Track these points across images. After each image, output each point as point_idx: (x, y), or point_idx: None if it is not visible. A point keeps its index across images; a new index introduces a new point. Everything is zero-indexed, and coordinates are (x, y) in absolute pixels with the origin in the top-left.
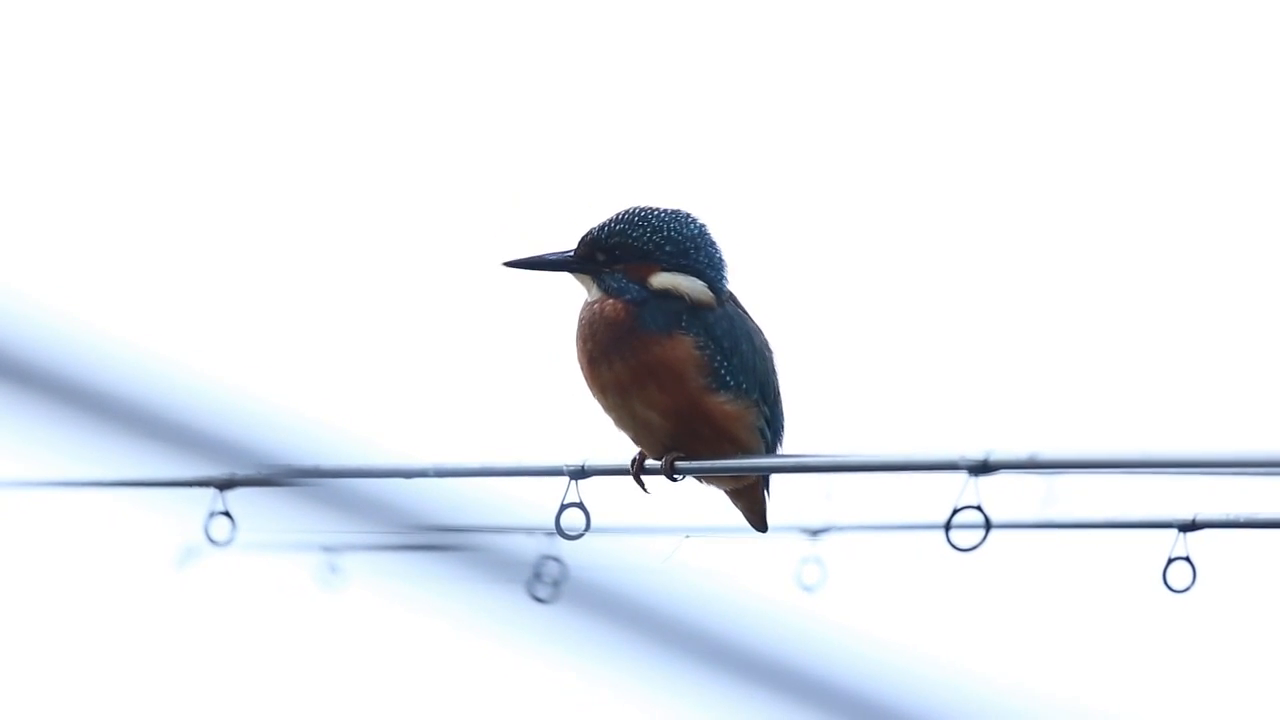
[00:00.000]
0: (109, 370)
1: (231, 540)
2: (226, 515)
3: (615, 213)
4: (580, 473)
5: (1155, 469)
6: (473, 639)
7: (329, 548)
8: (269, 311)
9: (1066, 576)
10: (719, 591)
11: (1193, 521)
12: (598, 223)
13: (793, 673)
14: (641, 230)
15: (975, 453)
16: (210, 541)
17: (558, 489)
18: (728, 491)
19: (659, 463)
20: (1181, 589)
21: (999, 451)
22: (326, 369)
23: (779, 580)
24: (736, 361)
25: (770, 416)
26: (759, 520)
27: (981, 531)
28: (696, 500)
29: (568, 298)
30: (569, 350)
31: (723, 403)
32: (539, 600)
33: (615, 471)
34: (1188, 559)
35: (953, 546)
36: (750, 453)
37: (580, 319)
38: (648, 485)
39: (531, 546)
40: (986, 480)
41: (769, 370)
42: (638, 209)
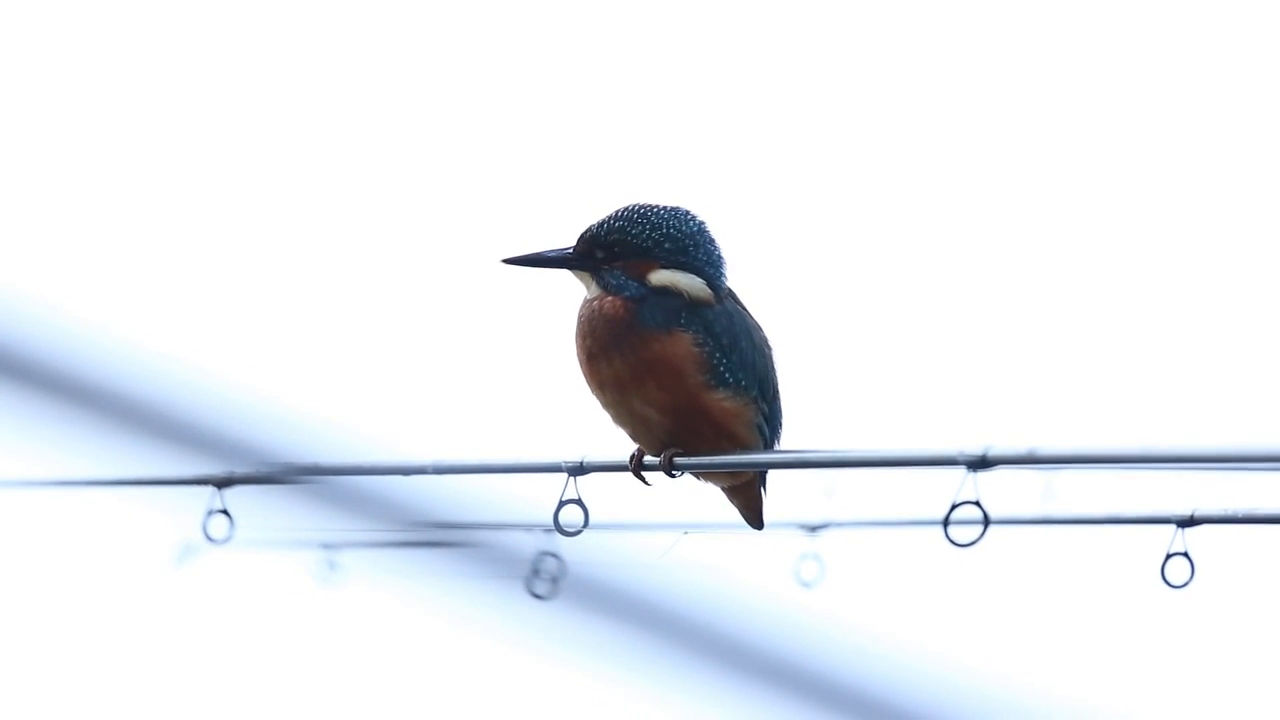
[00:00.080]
0: (107, 368)
1: (230, 538)
2: (225, 513)
3: (614, 210)
4: (579, 469)
5: (1154, 464)
6: (471, 635)
7: (328, 545)
8: (267, 309)
9: (1065, 572)
10: (717, 587)
11: (1191, 517)
12: (597, 220)
13: (791, 669)
14: (640, 227)
15: (974, 448)
16: (208, 539)
17: (556, 485)
18: (724, 489)
19: (657, 459)
20: (1180, 584)
21: (997, 447)
22: (325, 366)
23: (777, 576)
24: (735, 358)
25: (769, 414)
26: (755, 518)
27: (980, 527)
28: (695, 496)
29: (567, 295)
30: (568, 347)
31: (721, 400)
32: (537, 597)
33: (614, 468)
34: (1186, 554)
35: (951, 542)
36: (748, 450)
37: (579, 316)
38: (648, 479)
39: (530, 543)
40: (985, 476)
41: (768, 367)
42: (637, 206)
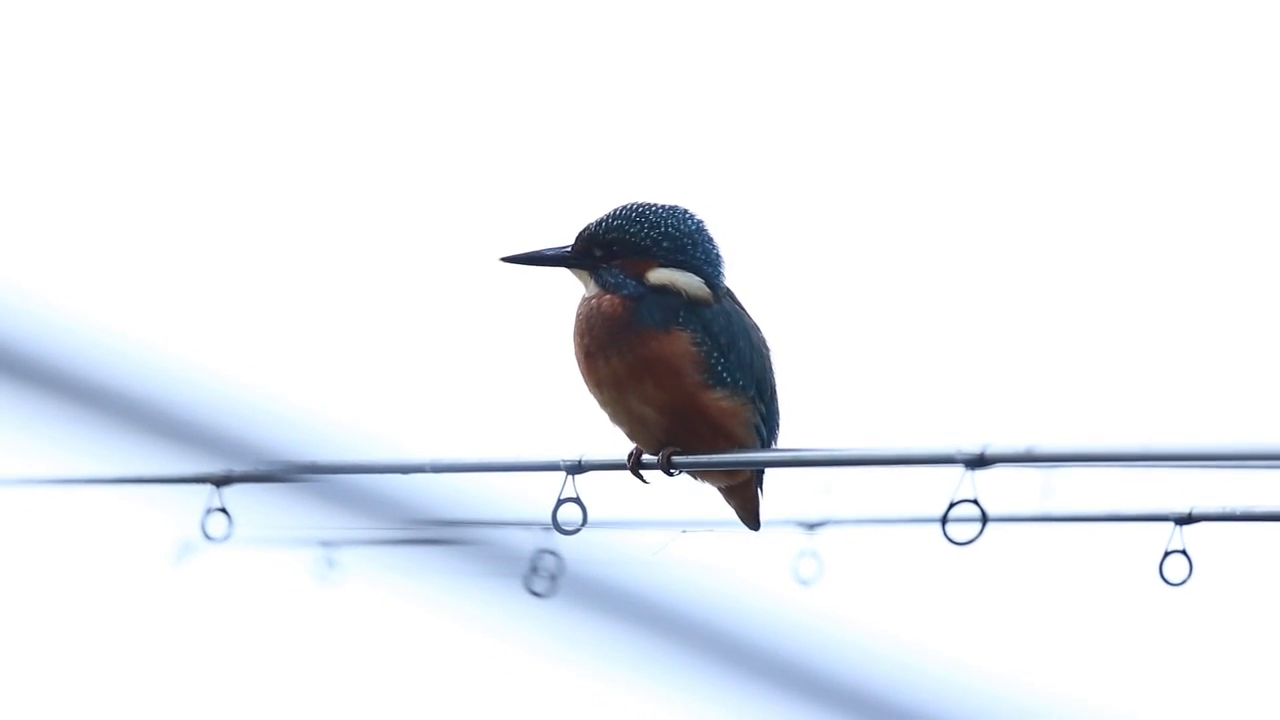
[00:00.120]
0: (106, 366)
1: (228, 536)
2: (223, 511)
3: (613, 208)
4: (577, 468)
5: (1152, 462)
6: (469, 633)
7: (326, 543)
8: (265, 307)
9: (1063, 570)
10: (715, 586)
11: (1189, 515)
12: (595, 218)
13: (789, 667)
14: (639, 226)
15: (972, 446)
16: (207, 538)
17: (554, 484)
18: (721, 489)
19: (655, 458)
20: (1178, 582)
21: (995, 445)
22: (323, 364)
23: (775, 574)
24: (733, 358)
25: (766, 413)
26: (752, 519)
27: (978, 525)
28: (693, 495)
29: (565, 293)
30: (566, 346)
31: (719, 399)
32: (535, 594)
33: (612, 466)
34: (1184, 552)
35: (949, 540)
36: (746, 449)
37: (577, 314)
38: (646, 477)
39: (528, 541)
40: (983, 474)
41: (766, 367)
42: (635, 204)
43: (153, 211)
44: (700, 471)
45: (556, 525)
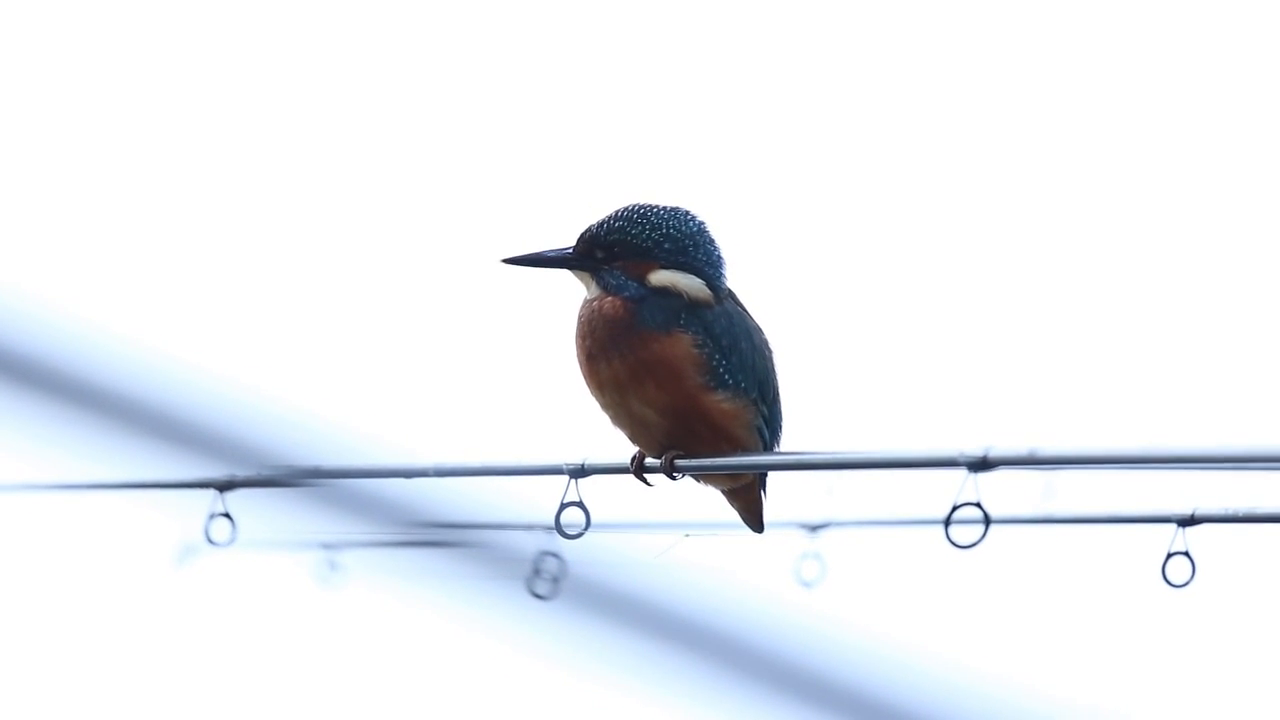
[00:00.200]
0: (109, 370)
1: (232, 541)
2: (227, 516)
3: (614, 210)
4: (580, 471)
5: (1154, 464)
6: (472, 636)
7: (329, 547)
8: (269, 311)
9: (1066, 572)
10: (718, 588)
11: (1191, 516)
12: (596, 220)
13: (792, 669)
14: (640, 228)
15: (974, 449)
16: (210, 542)
17: (558, 487)
18: (724, 491)
19: (658, 461)
20: (1180, 584)
21: (998, 448)
22: (326, 368)
23: (778, 576)
24: (735, 360)
25: (769, 415)
26: (755, 521)
27: (981, 528)
28: (696, 497)
29: (567, 295)
30: (568, 348)
31: (720, 401)
32: (538, 597)
33: (615, 470)
34: (1187, 554)
35: (952, 543)
36: (748, 451)
37: (579, 316)
38: (649, 479)
39: (531, 543)
40: (986, 477)
41: (768, 369)
42: (637, 206)
43: (155, 215)
44: (703, 474)
45: (559, 528)
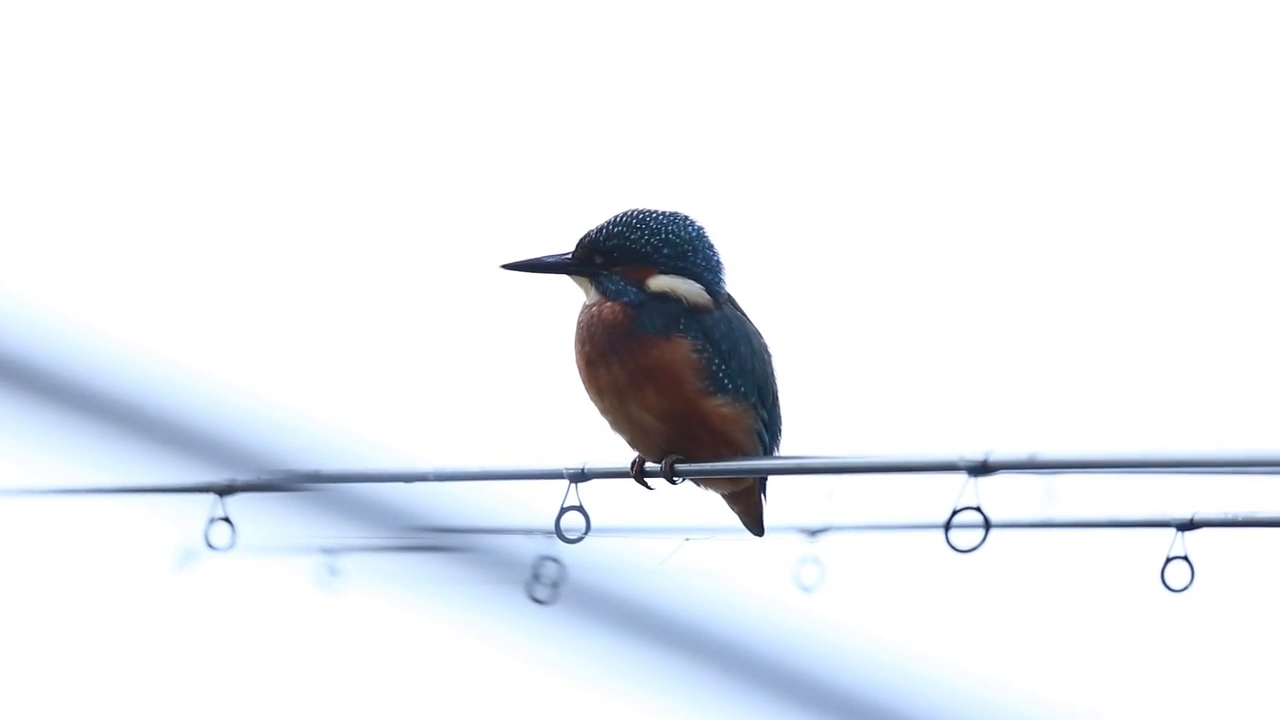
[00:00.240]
0: (109, 374)
1: (232, 546)
2: (227, 521)
3: (613, 215)
4: (580, 476)
5: (1154, 469)
6: (472, 641)
7: (329, 551)
8: (268, 316)
9: (1065, 576)
10: (718, 593)
11: (1191, 521)
12: (595, 225)
13: (792, 674)
14: (639, 233)
15: (974, 453)
16: (210, 547)
17: (558, 492)
18: (724, 495)
19: (658, 466)
20: (1180, 588)
21: (998, 452)
22: (326, 373)
23: (778, 581)
24: (735, 364)
25: (768, 420)
26: (755, 524)
27: (981, 532)
28: (696, 502)
29: (566, 300)
30: (568, 353)
31: (720, 406)
32: (538, 602)
33: (615, 474)
34: (1186, 558)
35: (952, 547)
36: (748, 456)
37: (578, 322)
38: (650, 483)
39: (531, 548)
40: (986, 481)
41: (767, 373)
42: (636, 211)
43: (155, 219)
44: (703, 478)
45: (559, 533)
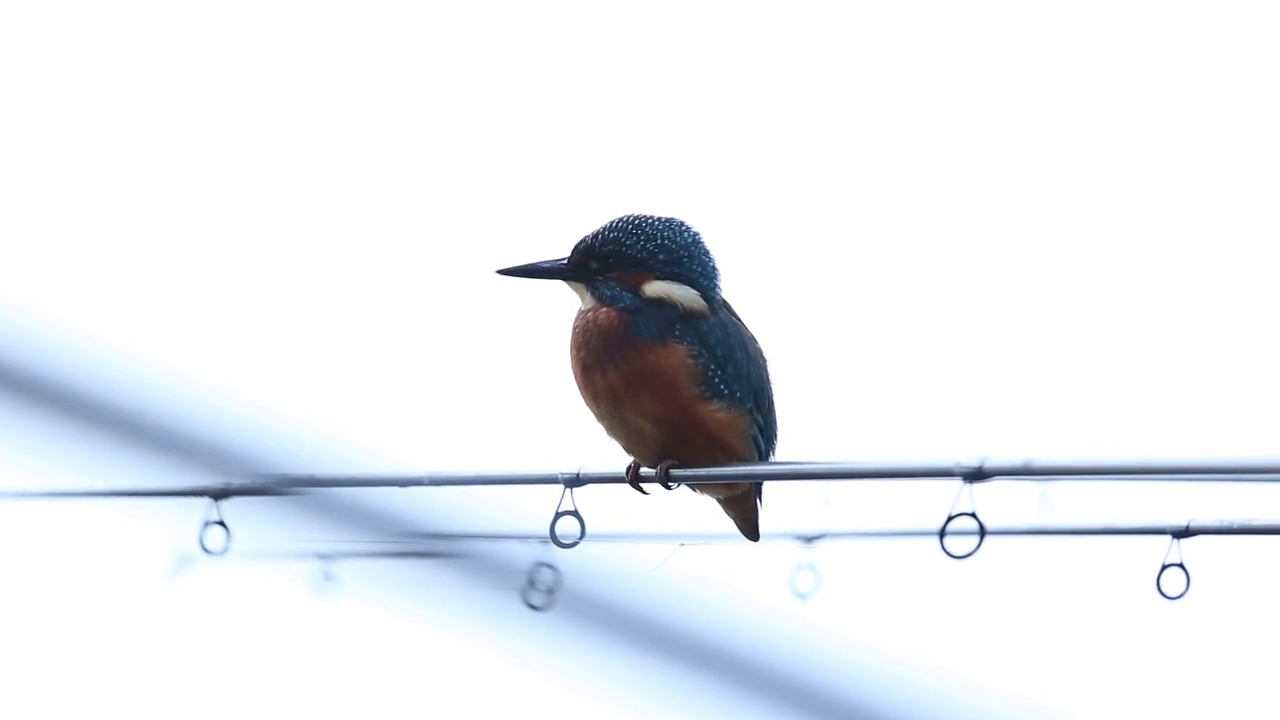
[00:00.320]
0: (103, 379)
1: (226, 550)
2: (221, 525)
3: (609, 220)
4: (575, 481)
5: (1149, 476)
6: (466, 647)
7: (324, 556)
8: (263, 320)
9: (1061, 583)
10: (713, 598)
11: (1186, 528)
12: (591, 230)
13: (787, 680)
14: (635, 238)
15: (970, 460)
16: (205, 551)
17: (553, 497)
18: (720, 500)
19: (654, 471)
20: (1175, 595)
21: (993, 458)
22: (321, 378)
23: (773, 587)
24: (730, 370)
25: (764, 425)
26: (751, 529)
27: (976, 538)
28: (691, 508)
29: (562, 306)
30: (563, 359)
31: (715, 411)
32: (533, 608)
33: (610, 480)
34: (1181, 565)
35: (947, 554)
36: (743, 461)
37: (574, 327)
38: (645, 489)
39: (526, 554)
40: (981, 487)
41: (763, 379)
42: (631, 217)
43: (151, 224)
44: (699, 484)
45: (554, 538)
